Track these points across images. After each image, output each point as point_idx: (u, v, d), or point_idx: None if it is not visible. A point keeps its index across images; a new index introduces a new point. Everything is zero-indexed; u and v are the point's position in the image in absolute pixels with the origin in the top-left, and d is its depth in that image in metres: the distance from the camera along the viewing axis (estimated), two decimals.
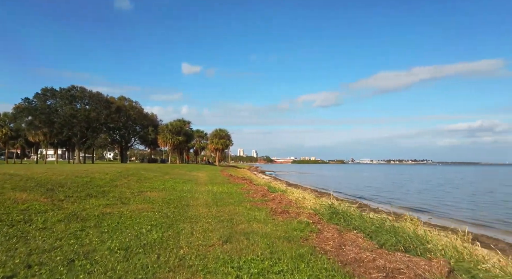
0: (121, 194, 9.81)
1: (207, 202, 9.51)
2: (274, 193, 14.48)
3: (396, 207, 19.86)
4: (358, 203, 20.09)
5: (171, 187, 13.13)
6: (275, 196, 12.17)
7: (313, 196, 15.23)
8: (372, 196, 26.17)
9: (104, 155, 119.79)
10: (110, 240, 4.77)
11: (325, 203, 10.89)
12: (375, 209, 17.75)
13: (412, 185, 39.95)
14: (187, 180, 18.33)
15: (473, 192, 29.20)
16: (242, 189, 14.56)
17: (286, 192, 15.87)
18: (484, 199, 23.52)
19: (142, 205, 8.25)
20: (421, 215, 16.37)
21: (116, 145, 72.00)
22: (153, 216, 6.85)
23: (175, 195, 10.59)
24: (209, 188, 13.83)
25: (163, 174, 20.72)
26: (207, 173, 30.28)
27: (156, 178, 16.97)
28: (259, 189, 15.03)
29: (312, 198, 12.84)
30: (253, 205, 9.41)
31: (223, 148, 66.81)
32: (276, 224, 6.64)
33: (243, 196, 11.76)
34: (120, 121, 61.87)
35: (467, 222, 14.67)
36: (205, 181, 19.12)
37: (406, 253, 4.72)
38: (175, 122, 63.56)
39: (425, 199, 23.80)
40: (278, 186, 19.85)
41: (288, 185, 30.53)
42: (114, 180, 12.52)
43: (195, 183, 16.77)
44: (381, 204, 20.67)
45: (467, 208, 19.00)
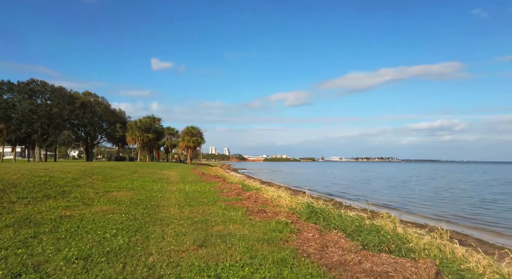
0: (84, 194, 9.00)
1: (179, 202, 8.96)
2: (248, 191, 14.13)
3: (367, 204, 20.25)
4: (331, 200, 20.27)
5: (140, 186, 12.36)
6: (250, 194, 11.82)
7: (288, 194, 15.06)
8: (343, 193, 26.61)
9: (68, 153, 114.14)
10: (67, 248, 4.16)
11: (302, 201, 10.69)
12: (348, 206, 17.93)
13: (379, 182, 41.21)
14: (158, 178, 17.52)
15: (435, 189, 30.53)
16: (215, 188, 14.08)
17: (261, 190, 15.59)
18: (446, 195, 24.59)
19: (107, 206, 7.56)
20: (391, 211, 16.72)
21: (81, 142, 68.53)
22: (119, 218, 6.24)
23: (144, 195, 9.91)
24: (181, 187, 13.22)
25: (131, 173, 19.72)
26: (178, 171, 29.37)
27: (124, 177, 16.05)
28: (233, 187, 14.62)
29: (287, 196, 12.62)
30: (228, 204, 8.99)
31: (195, 146, 65.54)
32: (254, 224, 6.28)
33: (217, 194, 11.30)
34: (85, 118, 58.93)
35: (433, 218, 15.16)
36: (177, 179, 18.41)
37: (390, 254, 4.53)
38: (144, 119, 61.42)
39: (392, 195, 24.50)
40: (252, 184, 19.52)
41: (262, 183, 30.32)
42: (76, 179, 11.56)
43: (166, 181, 16.04)
44: (353, 201, 20.98)
45: (432, 204, 19.70)
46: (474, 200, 21.62)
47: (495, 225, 13.31)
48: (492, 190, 29.42)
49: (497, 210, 17.40)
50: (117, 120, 63.08)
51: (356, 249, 4.68)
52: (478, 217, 15.28)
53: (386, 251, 4.69)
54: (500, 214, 15.92)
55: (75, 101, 54.50)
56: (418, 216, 15.26)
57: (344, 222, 6.46)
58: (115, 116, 63.75)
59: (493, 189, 30.58)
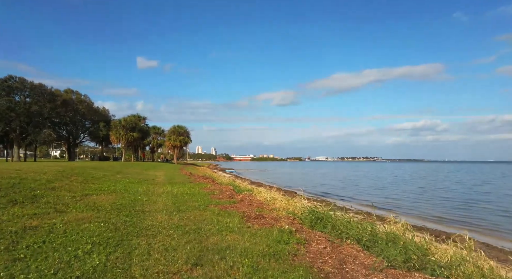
0: (58, 198, 7.96)
1: (167, 206, 8.06)
2: (241, 193, 13.32)
3: (361, 205, 19.73)
4: (323, 201, 19.66)
5: (123, 189, 11.34)
6: (243, 196, 11.00)
7: (282, 195, 14.33)
8: (335, 193, 26.09)
9: (49, 152, 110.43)
10: (23, 274, 3.25)
11: (300, 204, 9.96)
12: (342, 207, 17.34)
13: (368, 182, 41.04)
14: (143, 179, 16.48)
15: (423, 188, 30.43)
16: (205, 189, 13.20)
17: (253, 192, 14.80)
18: (438, 195, 24.41)
19: (84, 213, 6.59)
20: (387, 213, 16.22)
21: (63, 141, 66.12)
22: (97, 228, 5.30)
23: (128, 199, 8.95)
24: (169, 189, 12.28)
25: (115, 173, 18.58)
26: (165, 171, 28.26)
27: (106, 178, 14.95)
28: (224, 189, 13.78)
29: (282, 198, 11.87)
30: (222, 208, 8.16)
31: (181, 145, 64.14)
32: (254, 233, 5.48)
33: (208, 197, 10.43)
34: (67, 116, 56.70)
35: (432, 220, 14.72)
36: (164, 180, 17.41)
37: (425, 274, 3.80)
38: (129, 118, 59.69)
39: (384, 195, 24.12)
40: (243, 185, 18.71)
41: (252, 183, 29.53)
42: (52, 180, 10.46)
43: (152, 183, 15.03)
44: (346, 202, 20.44)
45: (426, 205, 19.33)
46: (465, 199, 21.44)
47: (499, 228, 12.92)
48: (483, 189, 29.54)
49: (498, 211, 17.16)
50: (100, 119, 61.03)
51: (380, 266, 3.94)
52: (478, 216, 14.94)
53: (416, 269, 3.97)
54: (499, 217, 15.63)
55: (56, 99, 52.42)
56: (417, 218, 14.76)
57: (355, 229, 5.74)
58: (98, 114, 61.63)
59: (483, 188, 30.74)
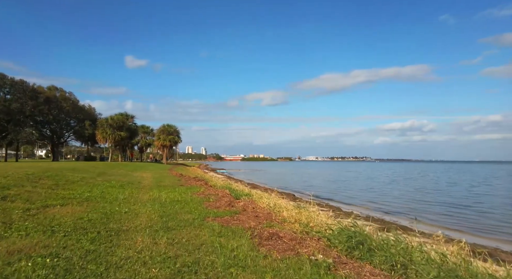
0: (4, 213, 6.01)
1: (152, 221, 6.24)
2: (239, 198, 11.60)
3: (367, 209, 18.17)
4: (327, 206, 18.04)
5: (99, 195, 9.40)
6: (244, 204, 9.25)
7: (286, 200, 12.63)
8: (335, 196, 24.56)
9: (34, 152, 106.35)
10: None
11: (314, 214, 8.25)
12: (350, 213, 15.74)
13: (364, 182, 39.77)
14: (127, 182, 14.53)
15: (428, 190, 29.21)
16: (199, 194, 11.39)
17: (253, 196, 13.06)
18: (440, 196, 23.15)
19: (28, 238, 4.55)
20: (402, 220, 14.69)
21: (47, 141, 63.25)
22: (35, 271, 3.39)
23: (102, 210, 7.06)
24: (156, 195, 10.42)
25: (97, 175, 16.59)
26: (153, 172, 26.26)
27: (84, 181, 12.98)
28: (220, 193, 12.00)
29: (290, 206, 10.14)
30: (223, 222, 6.40)
31: (171, 145, 61.96)
32: (277, 270, 3.75)
33: (203, 205, 8.64)
34: (51, 114, 53.95)
35: (451, 228, 13.25)
36: (151, 183, 15.50)
37: None
38: (116, 116, 57.12)
39: (386, 198, 22.68)
40: (239, 187, 16.92)
41: (247, 184, 27.77)
42: (8, 186, 8.46)
43: (137, 187, 13.11)
44: (350, 206, 18.88)
45: (439, 210, 17.93)
46: (471, 202, 20.15)
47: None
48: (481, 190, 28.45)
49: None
50: (86, 118, 58.35)
51: None
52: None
53: None
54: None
55: (39, 96, 49.75)
56: (437, 226, 13.19)
57: (419, 260, 4.05)
58: (84, 113, 58.91)
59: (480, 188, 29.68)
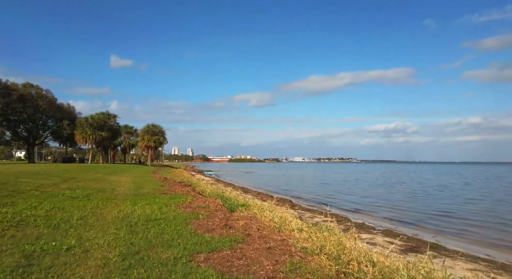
0: None
1: (106, 269, 3.94)
2: (235, 211, 9.42)
3: (376, 218, 16.22)
4: (332, 215, 15.98)
5: (44, 214, 6.81)
6: (246, 224, 7.00)
7: (291, 213, 10.54)
8: (333, 201, 22.57)
9: (13, 153, 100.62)
10: None
11: (350, 242, 6.12)
12: (361, 224, 13.66)
13: (360, 184, 38.14)
14: (97, 190, 12.01)
15: (428, 194, 27.68)
16: (184, 207, 9.07)
17: (251, 208, 10.86)
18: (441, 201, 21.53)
19: None
20: (420, 232, 12.74)
21: (22, 141, 59.32)
22: None
23: (27, 249, 4.65)
24: (128, 210, 8.03)
25: (62, 181, 14.01)
26: (134, 176, 23.69)
27: (39, 190, 10.43)
28: (211, 205, 9.73)
29: (303, 224, 7.99)
30: (222, 267, 4.15)
31: (156, 146, 58.86)
32: None
33: (189, 228, 6.33)
34: (25, 113, 50.30)
35: (476, 242, 11.40)
36: (127, 190, 13.00)
37: None
38: (97, 116, 53.85)
39: (390, 204, 20.84)
40: (232, 194, 14.64)
41: (238, 189, 25.49)
42: None
43: (107, 196, 10.62)
44: (355, 214, 16.88)
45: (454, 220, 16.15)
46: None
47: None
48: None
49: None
50: (64, 117, 54.70)
51: None
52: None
53: None
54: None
55: (12, 93, 46.16)
56: (456, 239, 11.27)
57: None
58: (62, 112, 55.18)
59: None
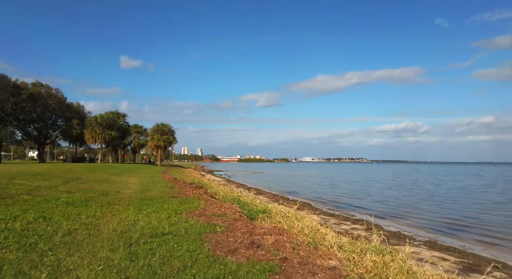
0: None
1: None
2: (255, 219, 8.06)
3: (415, 227, 14.45)
4: (360, 222, 14.46)
5: (24, 228, 5.54)
6: (276, 240, 5.58)
7: (315, 219, 9.11)
8: (352, 202, 21.00)
9: (26, 153, 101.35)
10: None
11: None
12: (396, 233, 12.05)
13: (376, 186, 36.36)
14: (100, 193, 10.74)
15: (460, 195, 25.83)
16: (198, 216, 7.70)
17: (271, 213, 9.50)
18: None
19: None
20: (467, 243, 11.13)
21: (32, 141, 59.26)
22: None
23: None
24: (131, 218, 6.69)
25: (63, 183, 12.86)
26: (142, 176, 22.55)
27: (32, 194, 9.21)
28: (227, 212, 8.35)
29: (343, 238, 6.55)
30: None
31: (165, 145, 57.91)
32: None
33: (206, 247, 4.99)
34: (35, 112, 49.98)
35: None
36: (134, 192, 11.71)
37: None
38: (106, 115, 53.15)
39: (414, 208, 19.14)
40: (249, 197, 13.25)
41: (252, 190, 24.15)
42: None
43: (110, 201, 9.30)
44: (383, 220, 15.25)
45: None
46: None
47: None
48: None
49: None
50: (74, 116, 54.33)
51: None
52: None
53: None
54: None
55: (21, 92, 45.84)
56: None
57: None
58: (71, 111, 54.81)
59: None
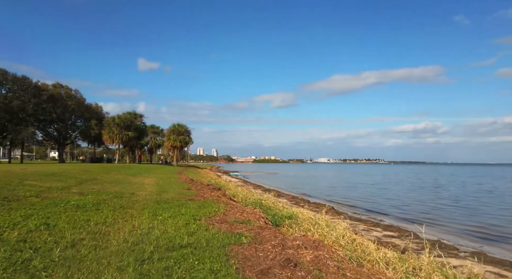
0: None
1: None
2: (280, 225, 7.17)
3: (446, 232, 13.21)
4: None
5: (15, 242, 4.62)
6: (316, 257, 4.69)
7: (350, 224, 8.14)
8: (377, 205, 19.76)
9: (47, 153, 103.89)
10: None
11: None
12: (436, 242, 10.85)
13: (399, 187, 34.75)
14: (114, 195, 10.08)
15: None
16: (219, 222, 6.85)
17: (298, 219, 8.60)
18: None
19: None
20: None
21: (53, 141, 60.27)
22: None
23: None
24: (144, 226, 5.91)
25: (77, 184, 12.33)
26: (158, 176, 22.02)
27: (40, 196, 8.60)
28: (250, 217, 7.48)
29: (389, 252, 5.57)
30: None
31: (182, 146, 57.69)
32: None
33: (236, 267, 4.14)
34: (55, 113, 50.75)
35: None
36: (149, 194, 11.01)
37: None
38: (123, 115, 53.28)
39: (445, 212, 17.73)
40: (270, 200, 12.38)
41: (265, 191, 23.25)
42: None
43: (123, 204, 8.59)
44: (417, 226, 13.99)
45: None
46: None
47: None
48: None
49: None
50: (92, 117, 54.93)
51: None
52: None
53: None
54: None
55: (42, 93, 46.53)
56: None
57: None
58: (90, 112, 55.47)
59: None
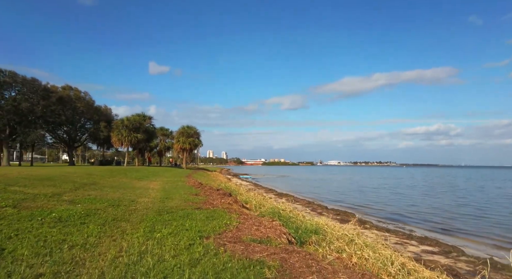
0: None
1: None
2: (305, 243, 5.72)
3: (485, 245, 11.64)
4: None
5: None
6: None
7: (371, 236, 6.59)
8: (400, 213, 18.09)
9: (59, 156, 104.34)
10: None
11: None
12: (487, 261, 9.26)
13: (416, 191, 32.76)
14: (112, 203, 8.78)
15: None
16: (232, 243, 5.41)
17: (326, 234, 7.11)
18: None
19: None
20: None
21: (62, 144, 59.99)
22: None
23: None
24: (133, 252, 4.50)
25: (72, 189, 11.10)
26: (166, 180, 20.77)
27: (19, 207, 7.40)
28: (270, 234, 6.05)
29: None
30: None
31: (191, 148, 56.63)
32: None
33: None
34: (64, 115, 50.22)
35: None
36: (150, 203, 9.68)
37: None
38: (132, 117, 52.56)
39: (475, 221, 15.93)
40: (287, 209, 10.93)
41: (279, 195, 21.77)
42: None
43: (118, 215, 7.26)
44: (450, 237, 12.40)
45: None
46: None
47: None
48: None
49: None
50: (101, 119, 54.32)
51: None
52: None
53: None
54: None
55: (51, 95, 45.99)
56: None
57: None
58: (99, 114, 54.87)
59: None
